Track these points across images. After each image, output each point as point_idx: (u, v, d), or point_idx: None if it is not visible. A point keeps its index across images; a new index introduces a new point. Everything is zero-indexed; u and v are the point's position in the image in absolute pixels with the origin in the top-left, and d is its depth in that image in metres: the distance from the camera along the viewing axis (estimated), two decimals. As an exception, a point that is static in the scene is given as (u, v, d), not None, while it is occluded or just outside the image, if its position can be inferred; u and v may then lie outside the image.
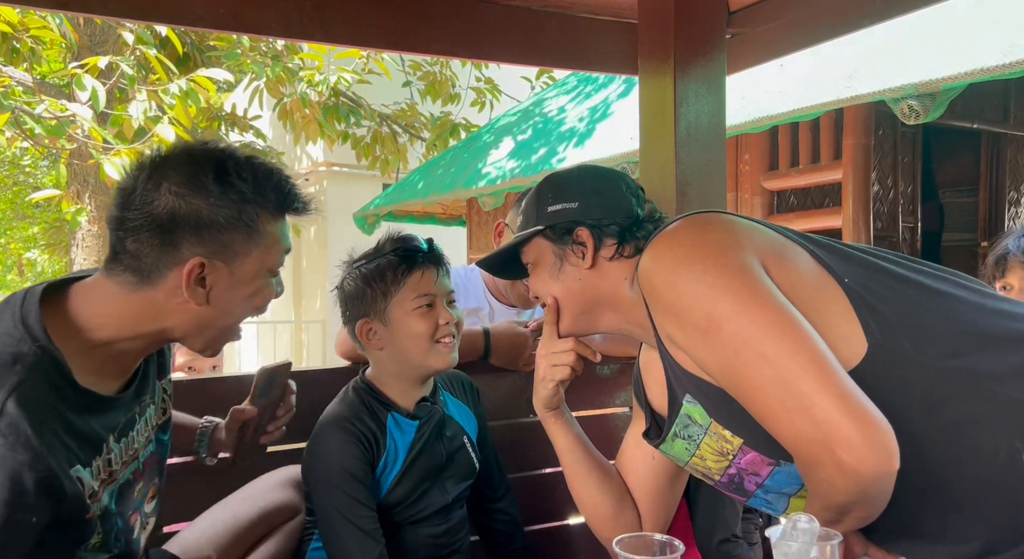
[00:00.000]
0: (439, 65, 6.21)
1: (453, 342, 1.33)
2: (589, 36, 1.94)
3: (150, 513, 1.07)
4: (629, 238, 1.12)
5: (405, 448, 1.33)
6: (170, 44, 4.76)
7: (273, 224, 0.99)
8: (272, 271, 1.01)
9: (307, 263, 8.71)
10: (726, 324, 0.91)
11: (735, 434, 1.02)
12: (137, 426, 1.01)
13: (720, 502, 1.41)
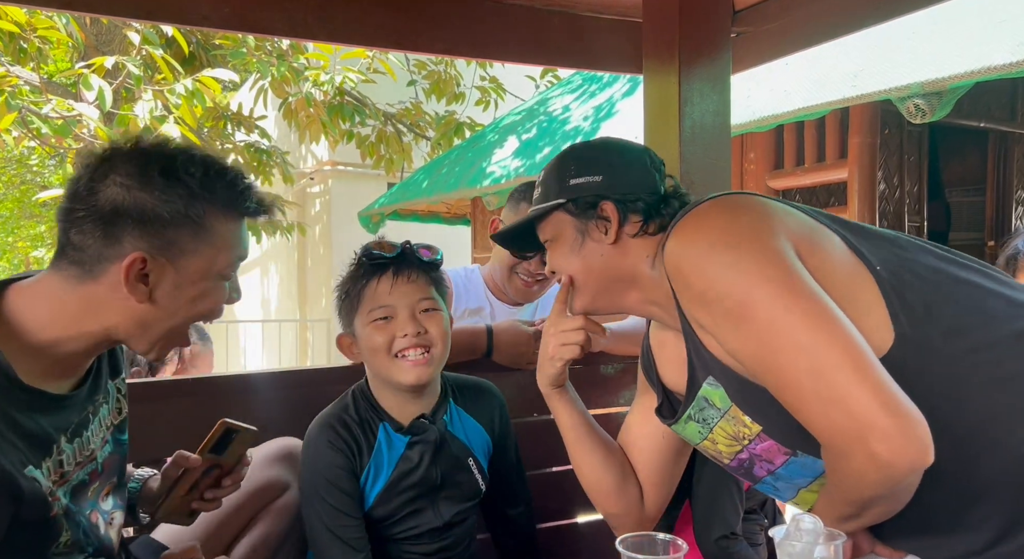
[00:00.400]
0: (444, 64, 6.21)
1: (420, 356, 1.23)
2: (593, 35, 1.94)
3: (111, 510, 1.05)
4: (654, 215, 1.09)
5: (392, 463, 1.28)
6: (176, 44, 4.77)
7: (224, 224, 0.96)
8: (223, 275, 0.98)
9: (312, 263, 8.73)
10: (760, 312, 0.89)
11: (755, 421, 1.01)
12: (91, 427, 1.00)
13: (721, 499, 1.41)
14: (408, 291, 1.25)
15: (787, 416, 0.94)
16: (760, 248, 0.93)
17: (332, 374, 1.65)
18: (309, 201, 8.74)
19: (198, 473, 1.10)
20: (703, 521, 1.41)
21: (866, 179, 3.18)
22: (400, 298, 1.25)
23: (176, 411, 1.43)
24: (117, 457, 1.07)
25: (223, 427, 1.10)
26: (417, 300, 1.25)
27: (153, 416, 1.40)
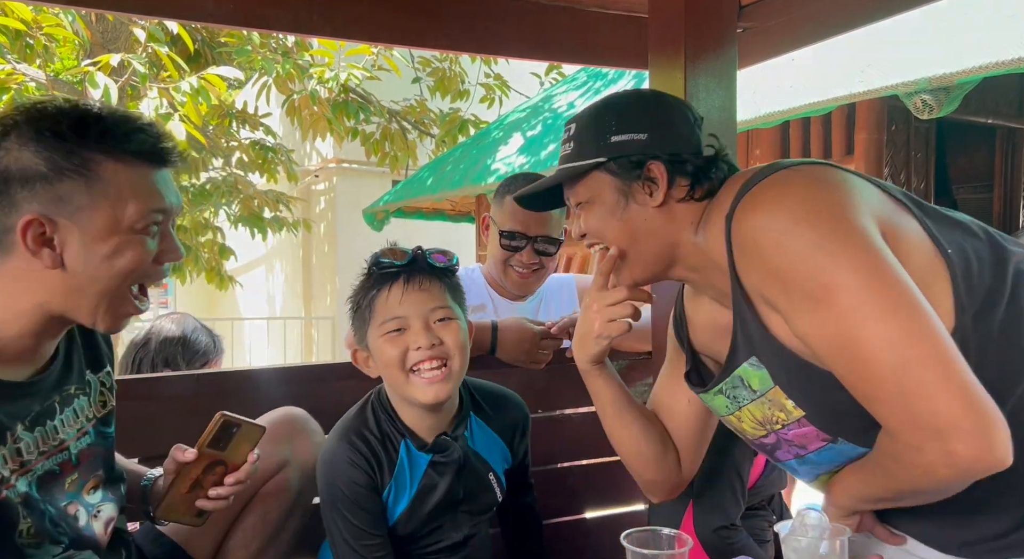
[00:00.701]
0: (448, 61, 6.20)
1: (436, 372, 1.16)
2: (599, 31, 1.93)
3: (98, 503, 1.03)
4: (703, 178, 1.02)
5: (415, 482, 1.23)
6: (181, 42, 4.78)
7: (121, 173, 0.91)
8: (134, 228, 0.93)
9: (316, 260, 8.74)
10: (845, 298, 0.85)
11: (799, 406, 0.98)
12: (59, 417, 0.98)
13: (722, 490, 1.40)
14: (421, 300, 1.18)
15: (840, 404, 0.91)
16: (848, 229, 0.87)
17: (337, 370, 1.65)
18: (314, 198, 8.75)
19: (199, 469, 1.06)
20: (703, 511, 1.41)
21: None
22: (412, 308, 1.17)
23: (181, 407, 1.43)
24: (100, 449, 1.05)
25: (221, 420, 1.05)
26: (431, 309, 1.18)
27: (158, 412, 1.41)
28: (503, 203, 1.84)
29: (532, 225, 1.80)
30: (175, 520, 1.11)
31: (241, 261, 7.61)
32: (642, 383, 1.86)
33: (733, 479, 1.40)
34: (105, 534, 1.04)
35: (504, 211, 1.83)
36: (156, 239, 0.96)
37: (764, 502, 1.55)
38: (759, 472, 1.48)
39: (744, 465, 1.42)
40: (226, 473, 1.09)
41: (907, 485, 0.90)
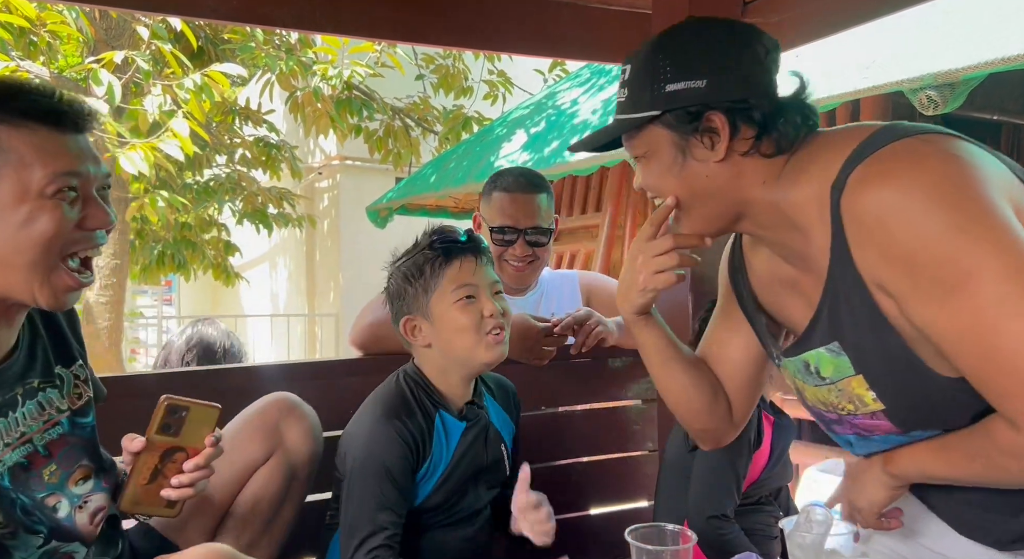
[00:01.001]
0: (451, 58, 6.19)
1: (502, 334, 1.27)
2: (602, 27, 1.93)
3: (86, 493, 1.03)
4: (770, 129, 0.92)
5: (450, 453, 1.29)
6: (184, 39, 4.78)
7: (18, 138, 0.89)
8: (44, 193, 0.90)
9: (320, 257, 8.75)
10: (990, 287, 0.78)
11: (881, 399, 0.93)
12: (21, 409, 0.97)
13: (719, 480, 1.40)
14: (485, 273, 1.29)
15: (933, 399, 0.88)
16: (992, 212, 0.80)
17: (340, 367, 1.65)
18: (317, 196, 8.76)
19: (155, 458, 1.02)
20: (696, 500, 1.41)
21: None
22: (481, 279, 1.27)
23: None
24: (76, 440, 1.05)
25: (165, 403, 1.02)
26: (492, 282, 1.30)
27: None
28: (491, 199, 1.84)
29: (521, 218, 1.80)
30: (145, 513, 1.07)
31: (245, 258, 7.62)
32: (645, 380, 1.86)
33: (727, 471, 1.40)
34: (91, 525, 1.04)
35: (492, 207, 1.84)
36: (76, 205, 0.94)
37: (770, 496, 1.55)
38: (763, 464, 1.47)
39: (741, 457, 1.42)
40: (188, 459, 1.04)
41: (1002, 475, 0.86)
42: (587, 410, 1.86)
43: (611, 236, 4.46)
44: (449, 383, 1.31)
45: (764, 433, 1.44)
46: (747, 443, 1.40)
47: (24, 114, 0.91)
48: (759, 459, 1.44)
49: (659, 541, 1.00)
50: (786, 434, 1.48)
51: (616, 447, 1.85)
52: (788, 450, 1.49)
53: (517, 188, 1.81)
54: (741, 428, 1.21)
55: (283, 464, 1.25)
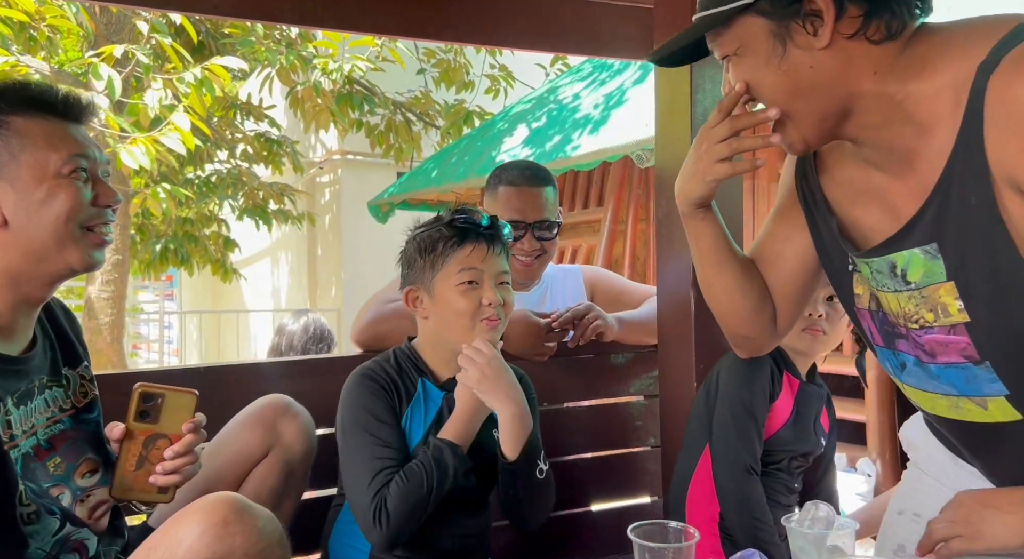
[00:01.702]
0: (453, 52, 6.18)
1: (498, 323, 1.28)
2: (604, 22, 1.92)
3: (90, 487, 1.07)
4: (880, 9, 0.83)
5: (431, 415, 1.30)
6: (185, 33, 4.77)
7: (31, 126, 0.99)
8: (59, 172, 1.00)
9: (322, 251, 8.75)
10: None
11: (969, 311, 0.86)
12: (35, 402, 1.02)
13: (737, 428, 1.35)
14: (496, 262, 1.29)
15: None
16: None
17: (341, 364, 1.65)
18: (319, 191, 8.75)
19: (138, 446, 1.04)
20: (720, 451, 1.34)
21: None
22: (489, 266, 1.28)
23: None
24: (80, 434, 1.08)
25: (139, 393, 1.04)
26: (500, 271, 1.30)
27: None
28: (496, 194, 1.82)
29: (529, 211, 1.78)
30: (137, 499, 1.09)
31: (246, 253, 7.63)
32: (647, 376, 1.86)
33: (745, 418, 1.34)
34: (91, 519, 1.06)
35: (498, 201, 1.82)
36: (88, 184, 1.04)
37: (788, 462, 1.41)
38: (781, 422, 1.38)
39: (755, 402, 1.34)
40: (170, 446, 1.06)
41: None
42: (589, 406, 1.86)
43: (613, 231, 4.45)
44: (438, 357, 1.33)
45: (781, 387, 1.38)
46: (761, 391, 1.35)
47: (36, 106, 1.01)
48: (777, 415, 1.37)
49: (662, 538, 1.00)
50: (813, 401, 1.42)
51: (618, 443, 1.85)
52: (817, 418, 1.42)
53: (523, 182, 1.80)
54: (783, 338, 1.18)
55: (280, 460, 1.28)
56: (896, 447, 3.06)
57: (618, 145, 3.80)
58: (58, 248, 1.00)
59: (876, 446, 3.07)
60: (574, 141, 4.27)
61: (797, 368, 1.41)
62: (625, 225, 4.43)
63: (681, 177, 1.04)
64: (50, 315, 1.12)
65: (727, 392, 1.36)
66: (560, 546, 1.74)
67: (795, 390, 1.40)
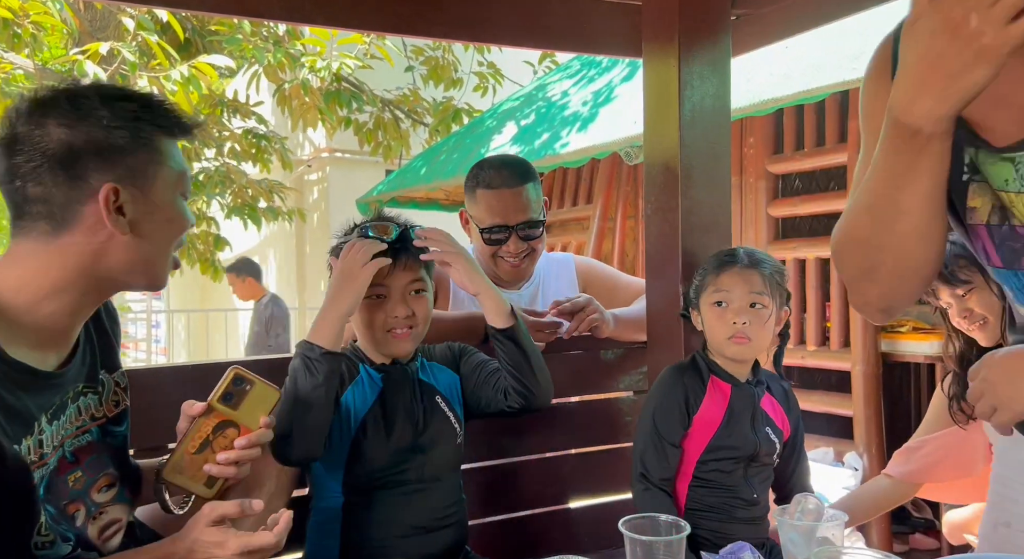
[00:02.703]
0: (441, 50, 6.17)
1: (408, 333, 1.32)
2: (592, 19, 1.92)
3: (105, 503, 1.02)
4: None
5: (375, 392, 1.33)
6: (171, 30, 4.74)
7: (169, 144, 1.01)
8: (184, 193, 1.03)
9: (310, 249, 8.72)
10: None
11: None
12: (67, 412, 0.97)
13: (641, 438, 1.39)
14: (403, 276, 1.32)
15: None
16: None
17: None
18: (307, 188, 8.72)
19: (209, 427, 1.02)
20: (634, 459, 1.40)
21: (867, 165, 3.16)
22: (395, 281, 1.31)
23: (176, 398, 1.42)
24: (106, 447, 1.04)
25: (233, 374, 1.03)
26: (409, 281, 1.33)
27: (153, 403, 1.40)
28: (475, 197, 1.78)
29: (510, 214, 1.74)
30: (183, 485, 1.03)
31: (235, 251, 7.59)
32: (636, 372, 1.87)
33: (650, 431, 1.38)
34: (99, 539, 1.02)
35: (478, 205, 1.78)
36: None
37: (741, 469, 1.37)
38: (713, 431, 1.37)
39: (666, 419, 1.36)
40: (239, 437, 1.03)
41: None
42: (579, 402, 1.87)
43: (602, 228, 4.46)
44: (371, 350, 1.37)
45: (705, 395, 1.38)
46: (674, 405, 1.37)
47: (168, 124, 1.01)
48: (708, 421, 1.37)
49: (653, 532, 1.01)
50: (749, 400, 1.40)
51: (608, 439, 1.86)
52: (756, 416, 1.40)
53: (501, 183, 1.75)
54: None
55: (272, 461, 1.25)
56: (882, 441, 3.09)
57: (607, 142, 3.81)
58: (160, 265, 1.01)
59: (863, 440, 3.09)
60: (563, 138, 4.27)
61: (730, 373, 1.40)
62: (614, 222, 4.44)
63: (923, 80, 0.76)
64: (95, 316, 1.08)
65: (645, 403, 1.44)
66: (550, 541, 1.75)
67: (727, 394, 1.39)
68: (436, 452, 1.34)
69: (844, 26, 2.20)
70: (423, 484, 1.33)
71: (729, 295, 1.36)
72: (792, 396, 1.49)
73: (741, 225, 3.60)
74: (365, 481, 1.31)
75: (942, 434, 1.62)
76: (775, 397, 1.45)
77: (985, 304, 1.49)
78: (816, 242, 3.39)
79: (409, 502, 1.31)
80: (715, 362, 1.42)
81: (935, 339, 3.09)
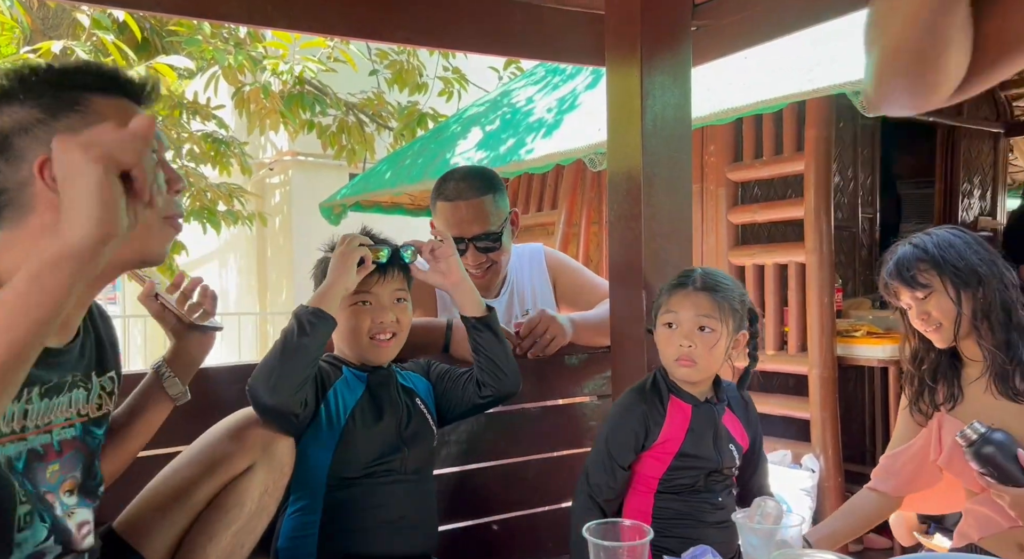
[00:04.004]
0: (406, 54, 6.14)
1: (389, 340, 1.40)
2: (556, 27, 1.94)
3: (72, 507, 1.02)
4: None
5: (359, 391, 1.39)
6: (128, 30, 4.63)
7: (109, 105, 0.97)
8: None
9: (272, 253, 8.59)
10: None
11: None
12: (59, 399, 0.99)
13: (593, 453, 1.43)
14: (388, 283, 1.41)
15: None
16: None
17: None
18: (269, 192, 8.58)
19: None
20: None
21: (822, 171, 3.24)
22: (381, 289, 1.40)
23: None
24: (83, 447, 1.04)
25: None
26: (394, 290, 1.42)
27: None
28: (436, 209, 1.80)
29: (466, 226, 1.76)
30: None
31: (194, 255, 7.43)
32: (600, 376, 1.89)
33: (601, 450, 1.40)
34: (79, 535, 1.02)
35: (438, 217, 1.80)
36: (158, 168, 0.99)
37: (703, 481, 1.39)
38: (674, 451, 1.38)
39: (617, 442, 1.38)
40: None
41: None
42: (543, 407, 1.88)
43: (567, 233, 4.49)
44: (348, 355, 1.44)
45: (665, 416, 1.39)
46: (628, 429, 1.38)
47: (111, 86, 0.98)
48: (671, 440, 1.39)
49: (615, 537, 1.02)
50: (709, 418, 1.41)
51: (572, 443, 1.87)
52: (717, 432, 1.41)
53: (457, 195, 1.77)
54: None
55: (263, 477, 1.25)
56: (838, 443, 3.17)
57: (571, 149, 3.83)
58: (145, 235, 0.97)
59: (819, 442, 3.16)
60: (528, 144, 4.29)
61: (689, 393, 1.42)
62: (578, 228, 4.47)
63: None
64: (91, 316, 1.09)
65: (604, 422, 1.48)
66: (514, 546, 1.75)
67: (688, 415, 1.41)
68: (418, 448, 1.42)
69: (801, 37, 2.26)
70: (405, 476, 1.39)
71: (678, 317, 1.37)
72: (752, 409, 1.51)
73: (702, 231, 3.66)
74: (352, 471, 1.35)
75: (914, 442, 1.63)
76: (735, 413, 1.47)
77: (942, 309, 1.53)
78: (775, 248, 3.46)
79: (392, 493, 1.36)
80: (674, 383, 1.43)
81: (888, 343, 3.18)
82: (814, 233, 3.23)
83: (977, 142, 4.37)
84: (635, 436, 1.38)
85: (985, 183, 4.44)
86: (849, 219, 3.87)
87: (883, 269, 1.62)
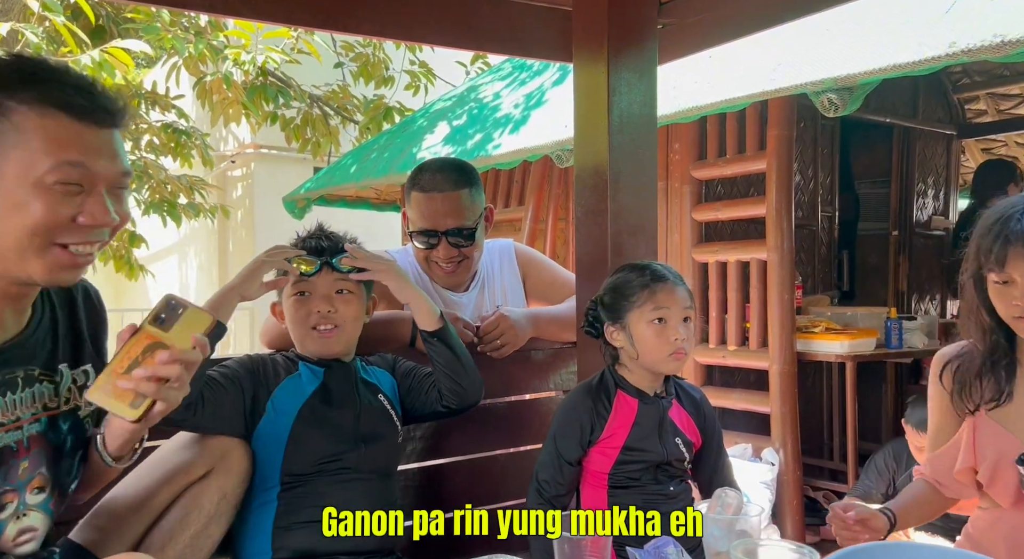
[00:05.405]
0: (372, 47, 6.08)
1: (331, 331, 1.40)
2: (523, 22, 1.94)
3: (34, 505, 1.00)
4: None
5: (314, 383, 1.40)
6: (83, 15, 4.48)
7: (35, 121, 0.88)
8: (41, 180, 0.89)
9: (234, 247, 8.43)
10: None
11: None
12: (19, 393, 0.96)
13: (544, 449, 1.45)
14: (327, 277, 1.42)
15: None
16: None
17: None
18: (231, 185, 8.42)
19: (139, 348, 0.96)
20: None
21: (783, 170, 3.30)
22: (319, 280, 1.41)
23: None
24: (48, 444, 1.01)
25: (165, 299, 1.00)
26: (332, 282, 1.42)
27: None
28: (410, 199, 1.78)
29: (440, 220, 1.74)
30: (106, 405, 0.95)
31: (153, 248, 7.25)
32: (566, 371, 1.90)
33: (550, 445, 1.42)
34: (12, 543, 0.98)
35: (412, 208, 1.78)
36: (76, 199, 0.92)
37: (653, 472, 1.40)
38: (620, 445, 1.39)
39: (565, 437, 1.40)
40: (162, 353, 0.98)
41: None
42: (508, 402, 1.88)
43: (533, 229, 4.50)
44: (304, 350, 1.45)
45: (610, 411, 1.40)
46: (574, 423, 1.40)
47: (50, 100, 0.89)
48: (616, 434, 1.40)
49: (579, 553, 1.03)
50: (655, 413, 1.42)
51: (538, 438, 1.87)
52: (664, 427, 1.42)
53: (434, 187, 1.74)
54: None
55: (220, 483, 1.25)
56: (797, 437, 3.24)
57: (538, 145, 3.84)
58: (18, 257, 0.91)
59: (779, 436, 3.23)
60: (495, 140, 4.29)
61: (638, 388, 1.43)
62: (545, 224, 4.49)
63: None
64: (71, 307, 1.05)
65: (552, 420, 1.49)
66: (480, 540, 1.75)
67: (634, 409, 1.42)
68: (376, 446, 1.41)
69: (765, 38, 2.30)
70: (360, 474, 1.37)
71: (669, 312, 1.37)
72: (705, 406, 1.51)
73: (667, 228, 3.70)
74: (303, 467, 1.34)
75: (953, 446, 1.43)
76: (685, 408, 1.48)
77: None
78: (737, 245, 3.52)
79: (345, 490, 1.34)
80: (623, 378, 1.44)
81: (846, 339, 3.26)
82: (775, 231, 3.29)
83: (931, 144, 4.50)
84: (580, 431, 1.40)
85: (939, 183, 4.57)
86: (809, 217, 3.95)
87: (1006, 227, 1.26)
